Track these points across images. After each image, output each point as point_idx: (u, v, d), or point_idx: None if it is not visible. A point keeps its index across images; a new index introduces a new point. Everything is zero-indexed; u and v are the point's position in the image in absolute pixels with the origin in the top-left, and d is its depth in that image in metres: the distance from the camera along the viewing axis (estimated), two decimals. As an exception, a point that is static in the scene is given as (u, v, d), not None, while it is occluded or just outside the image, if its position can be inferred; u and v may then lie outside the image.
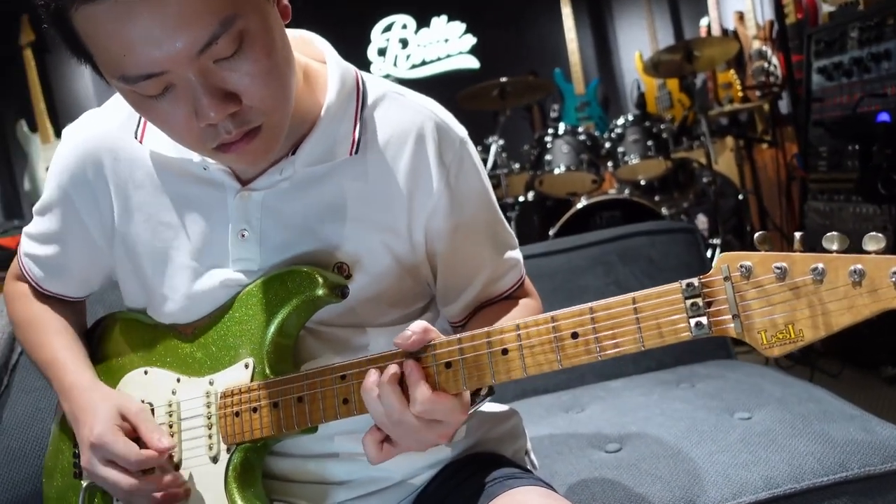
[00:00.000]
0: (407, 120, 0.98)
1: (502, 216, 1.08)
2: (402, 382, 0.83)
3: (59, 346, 1.08)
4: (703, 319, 0.73)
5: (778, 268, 0.70)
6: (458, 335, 0.84)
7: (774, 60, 4.57)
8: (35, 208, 1.10)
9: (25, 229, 1.12)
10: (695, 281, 0.74)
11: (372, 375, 0.83)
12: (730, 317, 0.73)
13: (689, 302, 0.74)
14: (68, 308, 1.15)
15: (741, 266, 0.72)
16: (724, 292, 0.73)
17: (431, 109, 1.00)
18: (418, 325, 0.83)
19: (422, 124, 0.98)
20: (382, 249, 0.98)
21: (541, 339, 0.80)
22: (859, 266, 0.66)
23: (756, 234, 0.73)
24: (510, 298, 1.08)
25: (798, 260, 0.70)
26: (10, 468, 1.40)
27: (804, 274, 0.69)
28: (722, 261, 0.73)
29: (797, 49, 4.03)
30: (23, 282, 1.16)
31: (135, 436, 0.96)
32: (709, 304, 0.74)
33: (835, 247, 0.68)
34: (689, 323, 0.74)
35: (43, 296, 1.14)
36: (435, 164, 0.97)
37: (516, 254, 1.09)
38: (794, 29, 4.20)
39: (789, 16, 4.25)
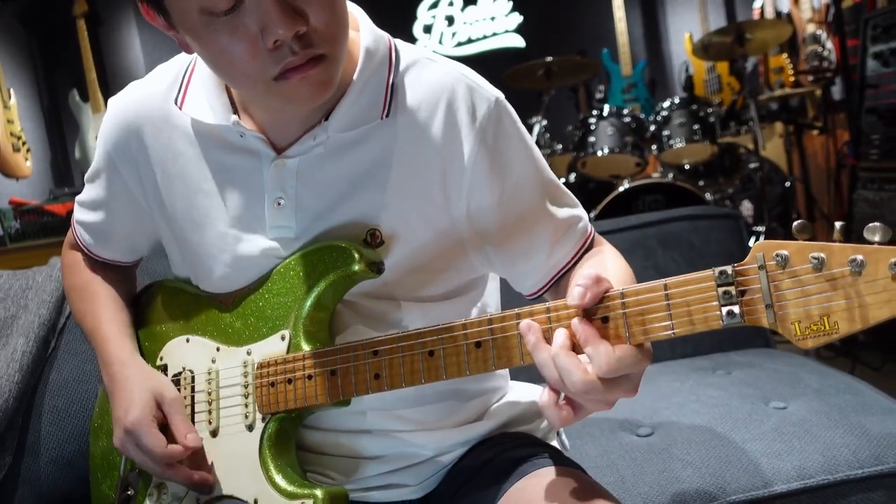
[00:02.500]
0: (437, 82, 0.97)
1: (554, 176, 1.04)
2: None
3: (104, 316, 1.12)
4: (736, 308, 0.72)
5: (815, 258, 0.68)
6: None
7: (829, 45, 4.46)
8: (85, 176, 1.14)
9: (77, 197, 1.17)
10: (728, 269, 0.72)
11: (539, 344, 0.78)
12: (763, 306, 0.71)
13: (721, 290, 0.72)
14: (119, 274, 1.19)
15: (777, 255, 0.70)
16: (759, 281, 0.71)
17: (461, 72, 0.99)
18: (589, 276, 0.78)
19: (452, 86, 0.97)
20: (418, 218, 0.97)
21: (569, 322, 0.79)
22: None
23: (795, 223, 0.70)
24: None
25: (836, 250, 0.67)
26: (56, 427, 1.45)
27: (842, 265, 0.67)
28: (757, 249, 0.71)
29: (853, 33, 3.92)
30: (77, 250, 1.21)
31: (165, 423, 1.00)
32: (742, 293, 0.72)
33: (876, 238, 0.66)
34: (720, 311, 0.72)
35: (94, 263, 1.19)
36: (467, 126, 0.95)
37: (579, 211, 1.05)
38: (851, 12, 4.08)
39: (846, -1, 4.13)
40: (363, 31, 0.97)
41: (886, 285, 0.65)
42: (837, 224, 0.69)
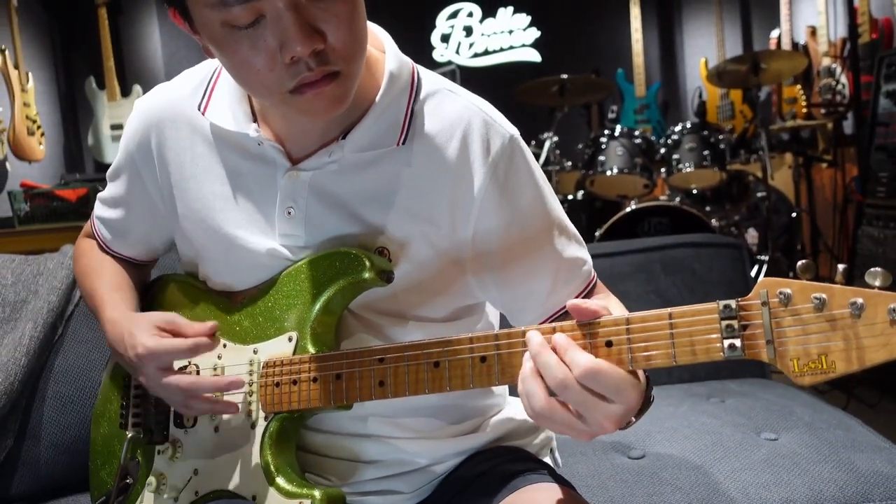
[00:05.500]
0: (455, 115, 0.99)
1: (564, 215, 1.06)
2: None
3: (106, 288, 1.14)
4: (737, 342, 0.73)
5: (817, 298, 0.70)
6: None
7: (843, 79, 4.48)
8: (108, 174, 1.17)
9: (99, 194, 1.20)
10: (732, 303, 0.74)
11: (543, 349, 0.79)
12: (763, 341, 0.73)
13: (724, 323, 0.74)
14: (133, 269, 1.21)
15: (780, 293, 0.72)
16: (761, 317, 0.73)
17: (480, 107, 1.01)
18: (597, 301, 0.81)
19: (469, 120, 0.99)
20: (422, 240, 0.99)
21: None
22: None
23: (799, 263, 0.72)
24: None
25: (838, 292, 0.69)
26: (59, 412, 1.47)
27: (843, 307, 0.69)
28: (762, 285, 0.73)
29: (867, 70, 3.94)
30: (91, 239, 1.24)
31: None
32: (744, 328, 0.74)
33: (877, 283, 0.67)
34: (722, 343, 0.74)
35: (108, 254, 1.22)
36: (480, 160, 0.97)
37: (585, 254, 1.06)
38: (867, 49, 4.11)
39: (863, 35, 4.16)
40: (388, 55, 0.99)
41: (884, 329, 0.67)
42: (840, 266, 0.71)
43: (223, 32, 0.83)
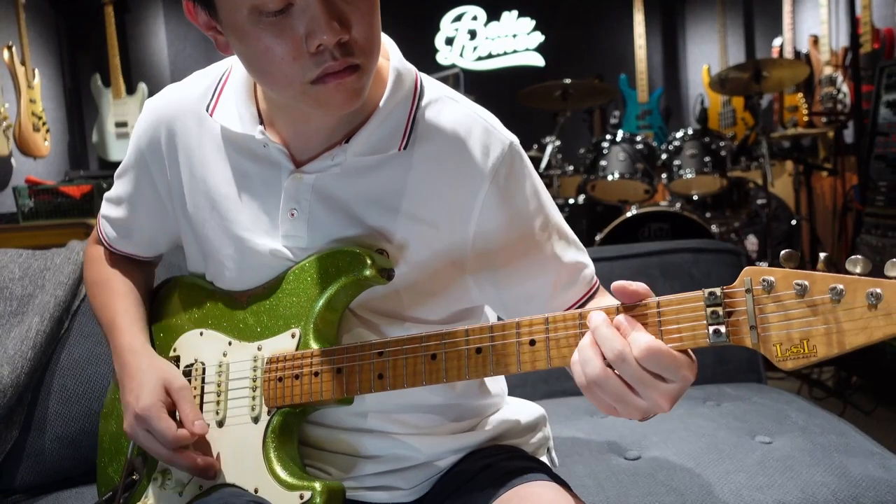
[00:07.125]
0: (456, 122, 1.01)
1: (563, 221, 1.08)
2: None
3: (119, 308, 1.16)
4: (722, 328, 0.76)
5: (798, 284, 0.72)
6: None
7: (844, 88, 4.51)
8: (116, 172, 1.19)
9: (106, 194, 1.22)
10: (717, 290, 0.77)
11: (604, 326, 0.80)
12: (748, 328, 0.75)
13: (709, 310, 0.77)
14: (138, 269, 1.24)
15: (763, 280, 0.74)
16: (745, 304, 0.75)
17: (480, 115, 1.03)
18: (640, 284, 0.81)
19: (470, 127, 1.01)
20: (421, 243, 1.01)
21: (567, 334, 0.84)
22: (877, 290, 0.68)
23: (782, 252, 0.75)
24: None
25: (819, 279, 0.72)
26: (63, 406, 1.50)
27: (823, 293, 0.71)
28: (746, 273, 0.76)
29: (868, 79, 3.96)
30: (99, 245, 1.26)
31: (174, 409, 1.04)
32: (729, 314, 0.76)
33: (857, 269, 0.70)
34: (707, 330, 0.77)
35: (115, 257, 1.24)
36: (480, 166, 1.00)
37: (585, 258, 1.08)
38: (868, 58, 4.13)
39: (865, 45, 4.18)
40: (393, 61, 1.01)
41: (863, 313, 0.69)
42: (822, 254, 0.74)
43: (250, 19, 0.85)
